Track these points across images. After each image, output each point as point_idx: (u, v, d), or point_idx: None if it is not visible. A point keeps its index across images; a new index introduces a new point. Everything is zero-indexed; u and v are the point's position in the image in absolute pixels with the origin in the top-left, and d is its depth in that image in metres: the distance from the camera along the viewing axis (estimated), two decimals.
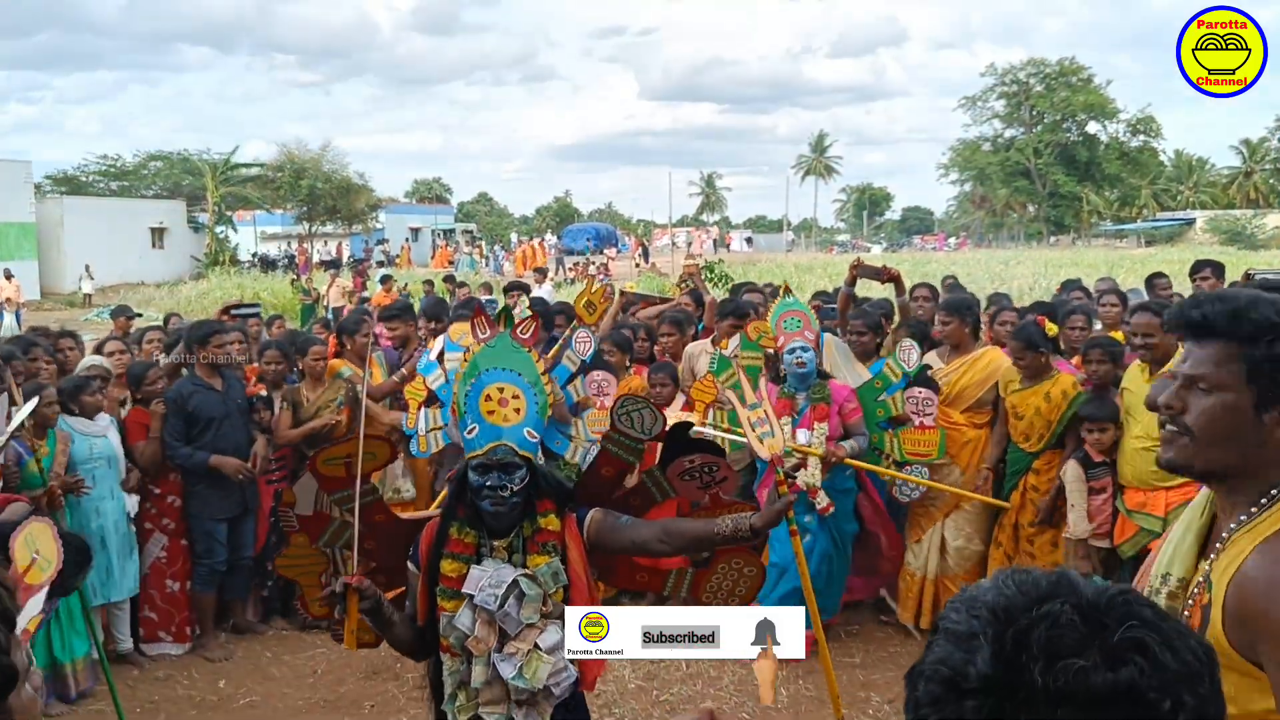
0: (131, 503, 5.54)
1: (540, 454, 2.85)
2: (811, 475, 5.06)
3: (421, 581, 2.84)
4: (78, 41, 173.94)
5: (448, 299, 13.54)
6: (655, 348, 6.84)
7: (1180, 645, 0.89)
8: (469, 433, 2.74)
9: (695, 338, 6.94)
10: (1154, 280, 8.80)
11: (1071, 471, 5.13)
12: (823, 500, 5.10)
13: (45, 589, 3.64)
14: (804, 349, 5.15)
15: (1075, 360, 5.58)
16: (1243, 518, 1.71)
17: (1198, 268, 7.79)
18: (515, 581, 2.69)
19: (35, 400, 5.07)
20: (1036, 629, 0.89)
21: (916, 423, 5.33)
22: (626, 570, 3.12)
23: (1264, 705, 1.68)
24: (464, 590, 2.71)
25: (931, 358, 6.02)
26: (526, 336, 2.87)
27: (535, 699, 2.72)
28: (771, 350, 5.48)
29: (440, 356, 3.58)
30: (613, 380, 5.95)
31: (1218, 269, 7.74)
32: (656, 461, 3.23)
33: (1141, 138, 63.23)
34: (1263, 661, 1.65)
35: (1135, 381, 4.96)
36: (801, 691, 5.05)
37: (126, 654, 5.58)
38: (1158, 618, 0.91)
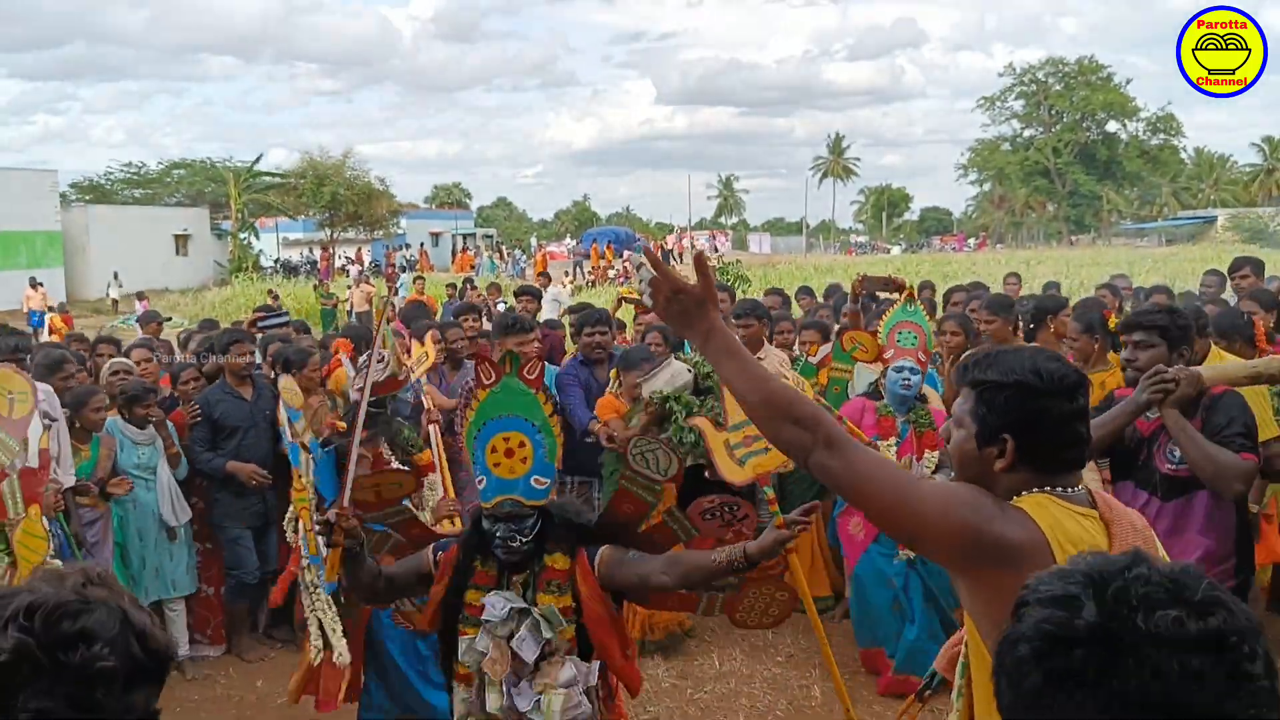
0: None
1: (555, 485, 2.83)
2: None
3: (439, 596, 2.88)
4: (104, 53, 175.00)
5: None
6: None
7: (1241, 608, 1.01)
8: (478, 483, 2.78)
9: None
10: (1206, 277, 8.82)
11: None
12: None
13: (33, 414, 3.85)
14: (913, 371, 4.62)
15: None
16: None
17: (1237, 265, 7.65)
18: (528, 611, 2.74)
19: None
20: (1133, 587, 1.00)
21: None
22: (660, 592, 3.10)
23: None
24: (483, 617, 2.76)
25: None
26: (533, 377, 2.80)
27: None
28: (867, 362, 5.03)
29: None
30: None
31: (1257, 266, 7.61)
32: (675, 503, 3.19)
33: (1162, 136, 62.97)
34: None
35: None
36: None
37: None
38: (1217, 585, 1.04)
